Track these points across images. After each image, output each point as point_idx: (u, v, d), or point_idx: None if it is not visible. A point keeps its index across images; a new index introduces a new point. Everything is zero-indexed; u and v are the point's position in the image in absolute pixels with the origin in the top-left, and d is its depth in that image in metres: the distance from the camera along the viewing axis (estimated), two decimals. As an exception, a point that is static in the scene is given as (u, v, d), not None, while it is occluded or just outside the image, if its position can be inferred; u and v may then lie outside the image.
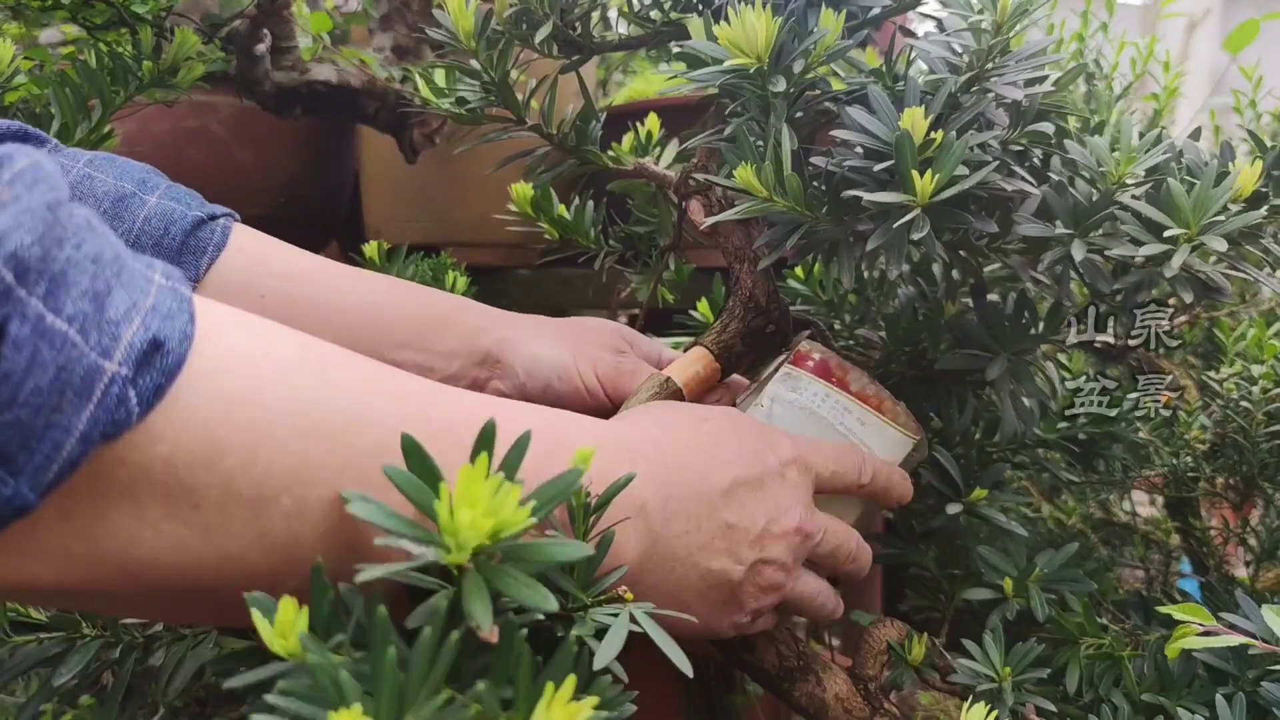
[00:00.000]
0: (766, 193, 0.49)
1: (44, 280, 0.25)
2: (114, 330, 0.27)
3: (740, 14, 0.46)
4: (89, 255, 0.27)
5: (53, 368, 0.25)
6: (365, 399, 0.34)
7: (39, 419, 0.25)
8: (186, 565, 0.30)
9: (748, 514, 0.45)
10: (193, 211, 0.55)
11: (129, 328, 0.27)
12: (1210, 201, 0.46)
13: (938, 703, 0.63)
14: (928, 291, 0.68)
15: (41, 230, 0.25)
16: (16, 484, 0.25)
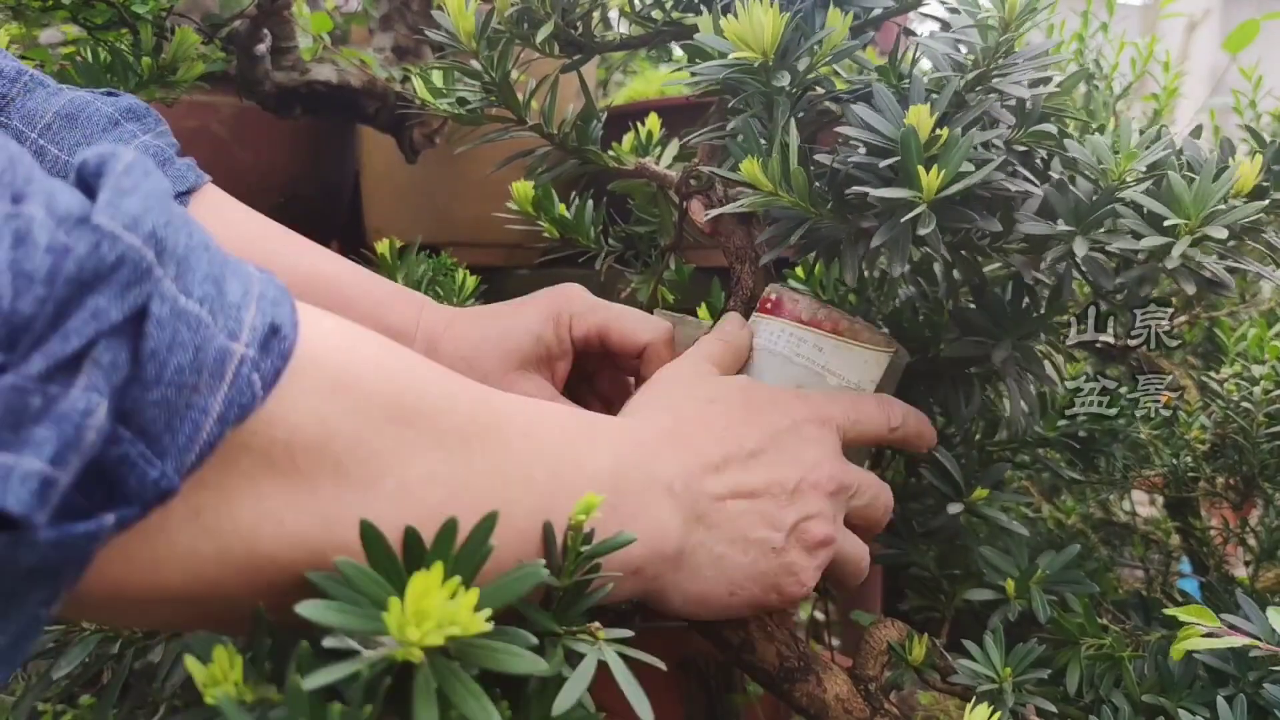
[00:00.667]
0: (771, 187, 0.49)
1: (174, 262, 0.26)
2: (236, 314, 0.27)
3: (748, 8, 0.46)
4: (201, 243, 0.27)
5: (191, 348, 0.25)
6: (440, 383, 0.35)
7: (181, 399, 0.25)
8: (306, 558, 0.30)
9: (775, 479, 0.46)
10: None
11: (249, 312, 0.28)
12: (1211, 194, 0.46)
13: (938, 703, 0.63)
14: (928, 291, 0.68)
15: (169, 215, 0.26)
16: (163, 465, 0.25)
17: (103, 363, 0.24)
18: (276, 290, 0.30)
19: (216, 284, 0.27)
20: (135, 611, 0.32)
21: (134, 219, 0.25)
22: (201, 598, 0.29)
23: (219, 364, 0.26)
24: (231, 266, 0.28)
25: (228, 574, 0.29)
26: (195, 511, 0.27)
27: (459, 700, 0.28)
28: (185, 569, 0.28)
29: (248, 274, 0.29)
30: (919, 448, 0.55)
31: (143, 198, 0.25)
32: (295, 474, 0.29)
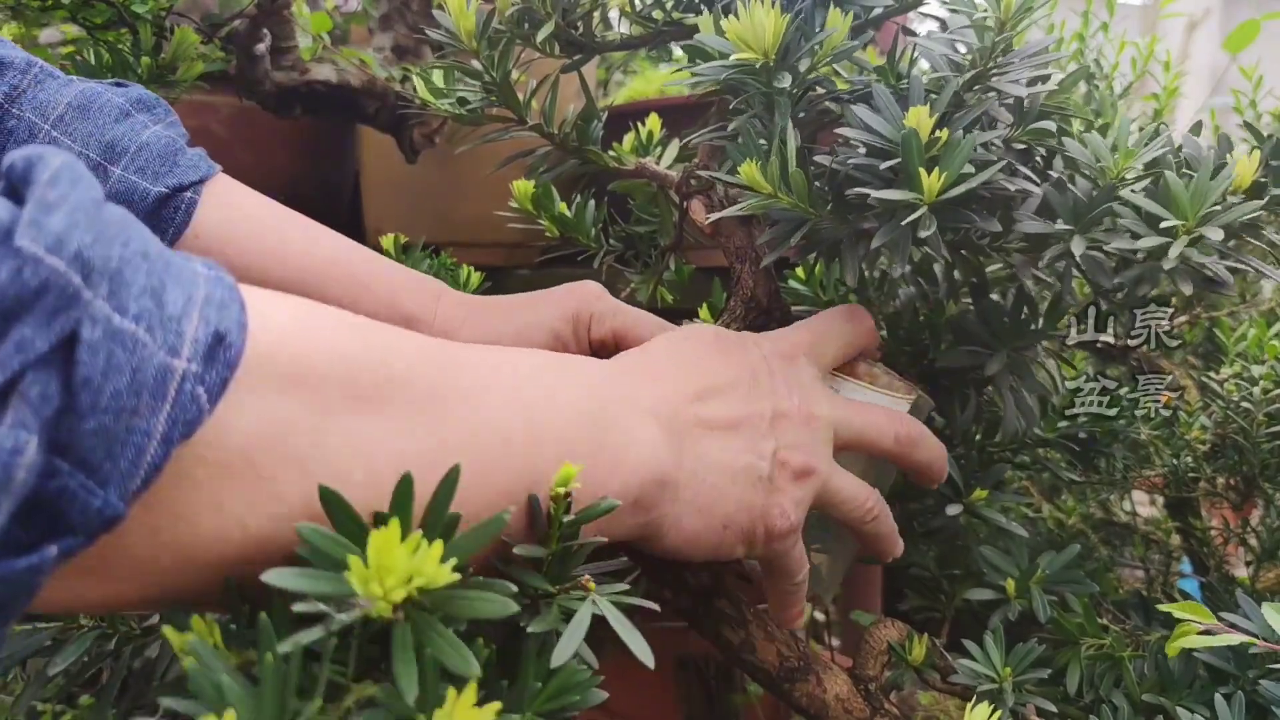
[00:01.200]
0: (771, 189, 0.49)
1: (105, 280, 0.25)
2: (177, 327, 0.26)
3: (749, 9, 0.46)
4: (138, 251, 0.26)
5: (128, 370, 0.25)
6: (406, 358, 0.34)
7: (120, 424, 0.24)
8: (276, 558, 0.29)
9: (752, 409, 0.45)
10: (155, 188, 0.54)
11: (190, 323, 0.27)
12: (1208, 192, 0.46)
13: (938, 703, 0.63)
14: (929, 291, 0.68)
15: (97, 229, 0.25)
16: (105, 494, 0.24)
17: (30, 396, 0.23)
18: (224, 291, 0.28)
19: (155, 296, 0.26)
20: (98, 610, 0.31)
21: (58, 239, 0.23)
22: (166, 602, 0.29)
23: (159, 383, 0.25)
24: (174, 271, 0.27)
25: (192, 580, 0.29)
26: (152, 530, 0.27)
27: (438, 651, 0.28)
28: (146, 581, 0.28)
29: (192, 276, 0.28)
30: (927, 479, 0.53)
31: (68, 213, 0.24)
32: (255, 477, 0.29)
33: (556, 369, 0.41)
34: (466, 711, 0.27)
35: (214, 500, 0.28)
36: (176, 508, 0.27)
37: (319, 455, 0.30)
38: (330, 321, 0.33)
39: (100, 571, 0.27)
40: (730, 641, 0.53)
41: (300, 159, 1.18)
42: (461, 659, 0.28)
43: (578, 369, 0.43)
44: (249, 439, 0.28)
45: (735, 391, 0.46)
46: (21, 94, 0.54)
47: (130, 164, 0.54)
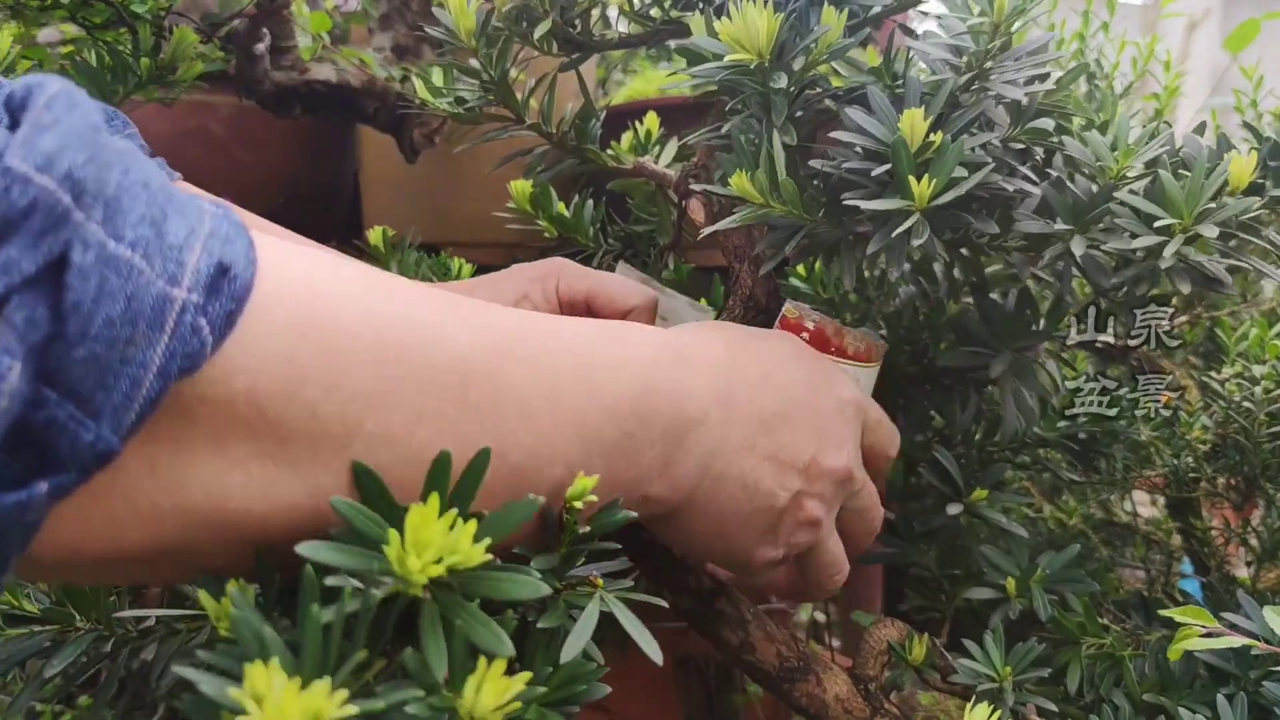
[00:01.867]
0: (762, 199, 0.49)
1: (99, 204, 0.23)
2: (178, 256, 0.25)
3: (742, 10, 0.46)
4: (138, 180, 0.25)
5: (122, 297, 0.23)
6: (432, 316, 0.32)
7: (114, 354, 0.23)
8: (278, 510, 0.28)
9: (800, 441, 0.45)
10: None
11: (192, 253, 0.25)
12: (1202, 191, 0.46)
13: (938, 703, 0.63)
14: (929, 290, 0.68)
15: (91, 151, 0.24)
16: (98, 427, 0.23)
17: (16, 320, 0.22)
18: (230, 226, 0.27)
19: (154, 225, 0.25)
20: (101, 571, 0.30)
21: (48, 158, 0.22)
22: (168, 555, 0.28)
23: (157, 313, 0.24)
24: (178, 204, 0.26)
25: (195, 531, 0.27)
26: (151, 469, 0.26)
27: (468, 629, 0.28)
28: (147, 528, 0.27)
29: (197, 210, 0.27)
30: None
31: (61, 134, 0.23)
32: (262, 423, 0.27)
33: (610, 347, 0.39)
34: (496, 681, 0.27)
35: (218, 444, 0.27)
36: (176, 448, 0.26)
37: (331, 407, 0.28)
38: (357, 273, 0.32)
39: (99, 515, 0.26)
40: (730, 642, 0.53)
41: (300, 159, 1.18)
42: (494, 637, 0.28)
43: (634, 349, 0.40)
44: (259, 381, 0.27)
45: (791, 418, 0.45)
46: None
47: None
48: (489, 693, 0.27)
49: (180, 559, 0.29)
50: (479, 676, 0.27)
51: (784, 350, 0.47)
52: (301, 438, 0.28)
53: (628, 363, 0.39)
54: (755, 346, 0.46)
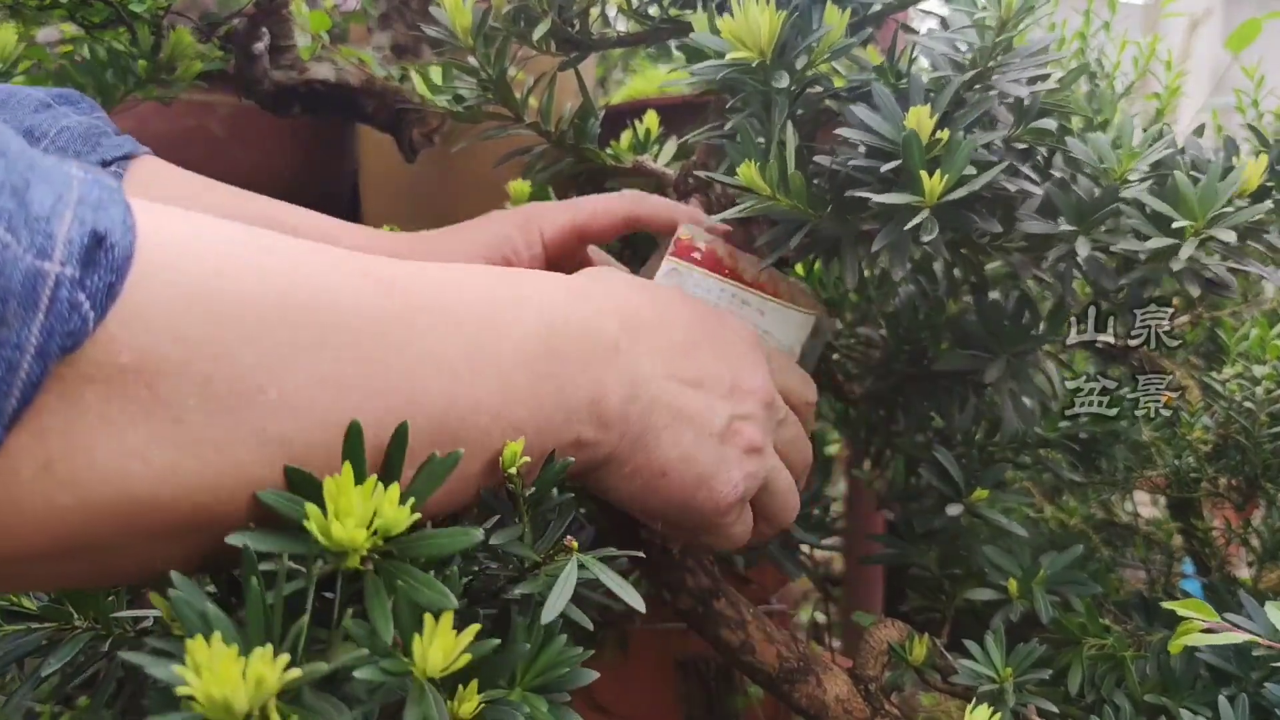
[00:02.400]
0: (770, 191, 0.49)
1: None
2: (45, 227, 0.23)
3: (744, 7, 0.46)
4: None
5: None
6: (327, 273, 0.31)
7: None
8: (186, 494, 0.27)
9: (716, 366, 0.44)
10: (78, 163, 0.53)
11: (61, 223, 0.23)
12: (1217, 194, 0.45)
13: (939, 703, 0.63)
14: (929, 290, 0.67)
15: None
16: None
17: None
18: (103, 191, 0.25)
19: (16, 195, 0.23)
20: (11, 577, 0.28)
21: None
22: (77, 553, 0.26)
23: (28, 290, 0.22)
24: (41, 170, 0.24)
25: (100, 524, 0.26)
26: (45, 463, 0.24)
27: (411, 591, 0.28)
28: (48, 527, 0.25)
29: (64, 177, 0.25)
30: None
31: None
32: (154, 402, 0.25)
33: (512, 288, 0.38)
34: (444, 637, 0.27)
35: (111, 427, 0.25)
36: (67, 436, 0.24)
37: (227, 378, 0.27)
38: (249, 235, 0.30)
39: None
40: (730, 643, 0.52)
41: (299, 158, 1.18)
42: (437, 593, 0.28)
43: (536, 290, 0.39)
44: (146, 357, 0.25)
45: (700, 350, 0.44)
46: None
47: (50, 145, 0.51)
48: (437, 649, 0.27)
49: (94, 557, 0.27)
50: (426, 635, 0.27)
51: (673, 291, 0.47)
52: (197, 415, 0.26)
53: (529, 302, 0.38)
54: (648, 285, 0.45)
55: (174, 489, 0.26)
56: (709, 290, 0.54)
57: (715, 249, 0.54)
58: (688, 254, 0.55)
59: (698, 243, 0.55)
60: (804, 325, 0.56)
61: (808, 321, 0.56)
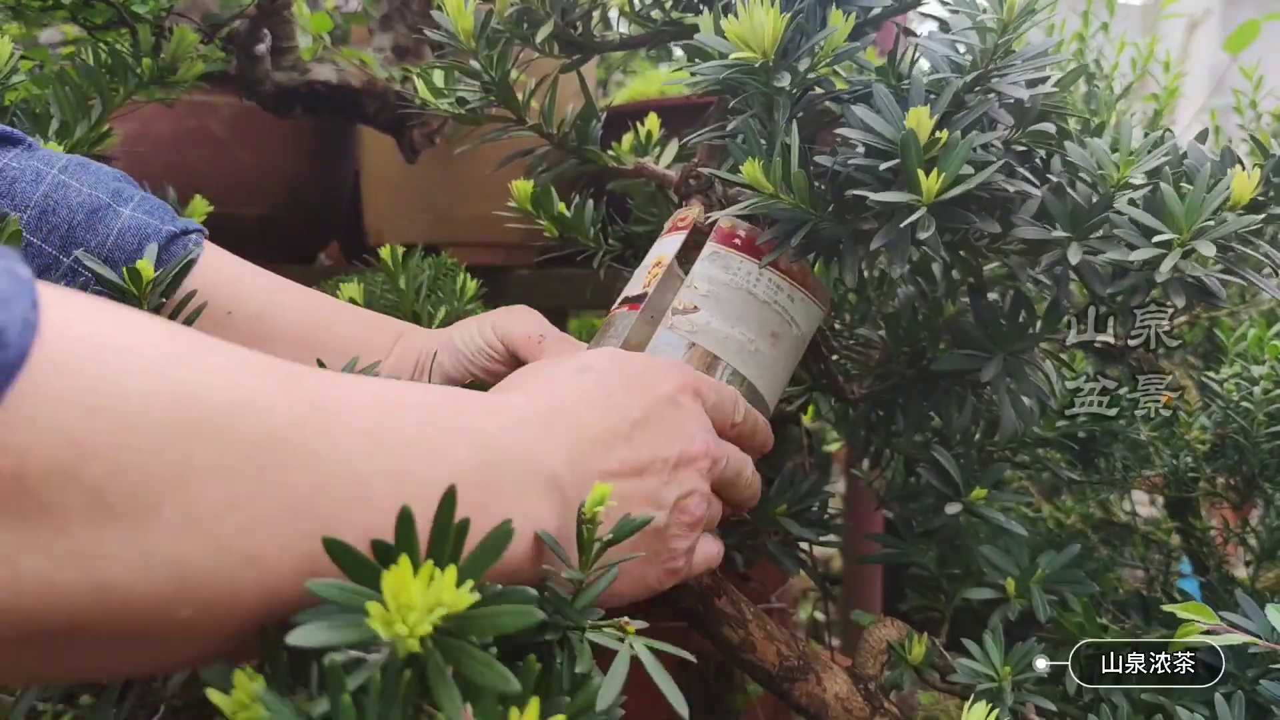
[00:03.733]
0: (772, 189, 0.49)
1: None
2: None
3: (748, 9, 0.46)
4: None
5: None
6: (248, 386, 0.29)
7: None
8: (56, 606, 0.25)
9: (658, 452, 0.44)
10: (166, 226, 0.55)
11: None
12: (1202, 206, 0.46)
13: (938, 702, 0.63)
14: (927, 290, 0.68)
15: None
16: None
17: None
18: (11, 284, 0.24)
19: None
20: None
21: None
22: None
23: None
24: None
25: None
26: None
27: (473, 674, 0.27)
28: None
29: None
30: (753, 450, 0.52)
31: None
32: (32, 510, 0.24)
33: (448, 415, 0.37)
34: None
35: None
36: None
37: (120, 490, 0.25)
38: (162, 335, 0.28)
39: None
40: (730, 641, 0.53)
41: (300, 159, 1.18)
42: (500, 677, 0.28)
43: (471, 415, 0.38)
44: (28, 462, 0.24)
45: (642, 430, 0.43)
46: (28, 151, 0.55)
47: (138, 207, 0.55)
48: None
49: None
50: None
51: (608, 372, 0.46)
52: (81, 525, 0.25)
53: (465, 434, 0.37)
54: (579, 382, 0.45)
55: (44, 600, 0.25)
56: (749, 275, 0.55)
57: (754, 236, 0.55)
58: (730, 240, 0.56)
59: (738, 230, 0.56)
60: (818, 319, 0.58)
61: (820, 313, 0.58)
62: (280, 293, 0.59)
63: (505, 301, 0.66)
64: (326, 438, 0.30)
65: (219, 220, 0.80)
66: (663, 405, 0.45)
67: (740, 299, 0.54)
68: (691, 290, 0.55)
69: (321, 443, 0.30)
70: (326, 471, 0.30)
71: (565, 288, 1.13)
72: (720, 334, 0.54)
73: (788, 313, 0.55)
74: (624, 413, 0.43)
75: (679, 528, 0.44)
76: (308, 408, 0.30)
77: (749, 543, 0.63)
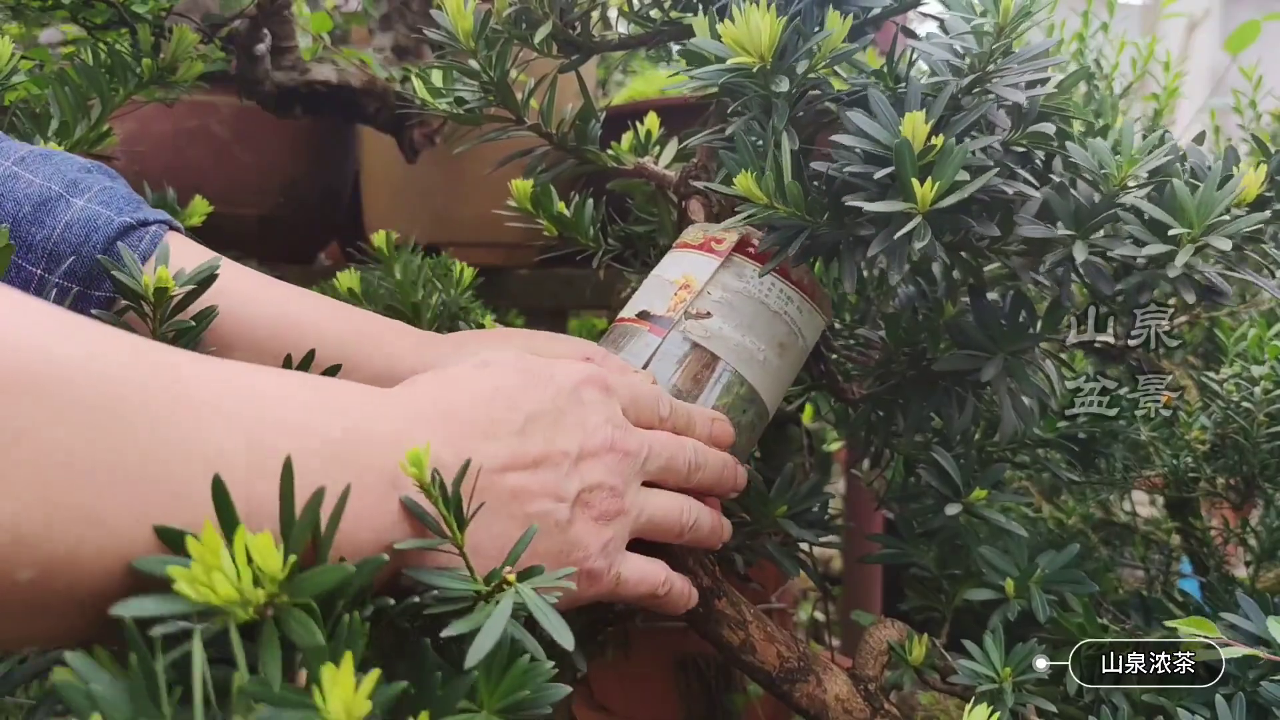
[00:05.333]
0: (766, 199, 0.49)
1: None
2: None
3: (745, 12, 0.46)
4: None
5: None
6: (97, 347, 0.29)
7: None
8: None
9: (554, 445, 0.42)
10: (119, 217, 0.51)
11: None
12: (1215, 203, 0.46)
13: (938, 703, 0.63)
14: (928, 291, 0.68)
15: None
16: None
17: None
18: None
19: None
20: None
21: None
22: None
23: None
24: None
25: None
26: None
27: (292, 634, 0.28)
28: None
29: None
30: (705, 439, 0.51)
31: None
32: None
33: (316, 393, 0.37)
34: (345, 685, 0.26)
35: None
36: None
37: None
38: (23, 306, 0.29)
39: None
40: (730, 642, 0.53)
41: (300, 159, 1.18)
42: (309, 634, 0.27)
43: (341, 397, 0.38)
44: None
45: (536, 424, 0.42)
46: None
47: (94, 198, 0.51)
48: (336, 699, 0.26)
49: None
50: (326, 684, 0.26)
51: (505, 368, 0.44)
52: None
53: (336, 407, 0.36)
54: (474, 378, 0.43)
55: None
56: (761, 284, 0.56)
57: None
58: (744, 248, 0.57)
59: (753, 238, 0.57)
60: (820, 329, 0.59)
61: (823, 326, 0.59)
62: (252, 290, 0.54)
63: (505, 302, 0.66)
64: (180, 405, 0.30)
65: (219, 220, 0.80)
66: (562, 398, 0.44)
67: (752, 308, 0.55)
68: (705, 297, 0.55)
69: (173, 409, 0.29)
70: (178, 437, 0.29)
71: (566, 288, 1.13)
72: (731, 341, 0.54)
73: (795, 324, 0.57)
74: (514, 405, 0.42)
75: (587, 524, 0.43)
76: (160, 374, 0.30)
77: (749, 543, 0.63)
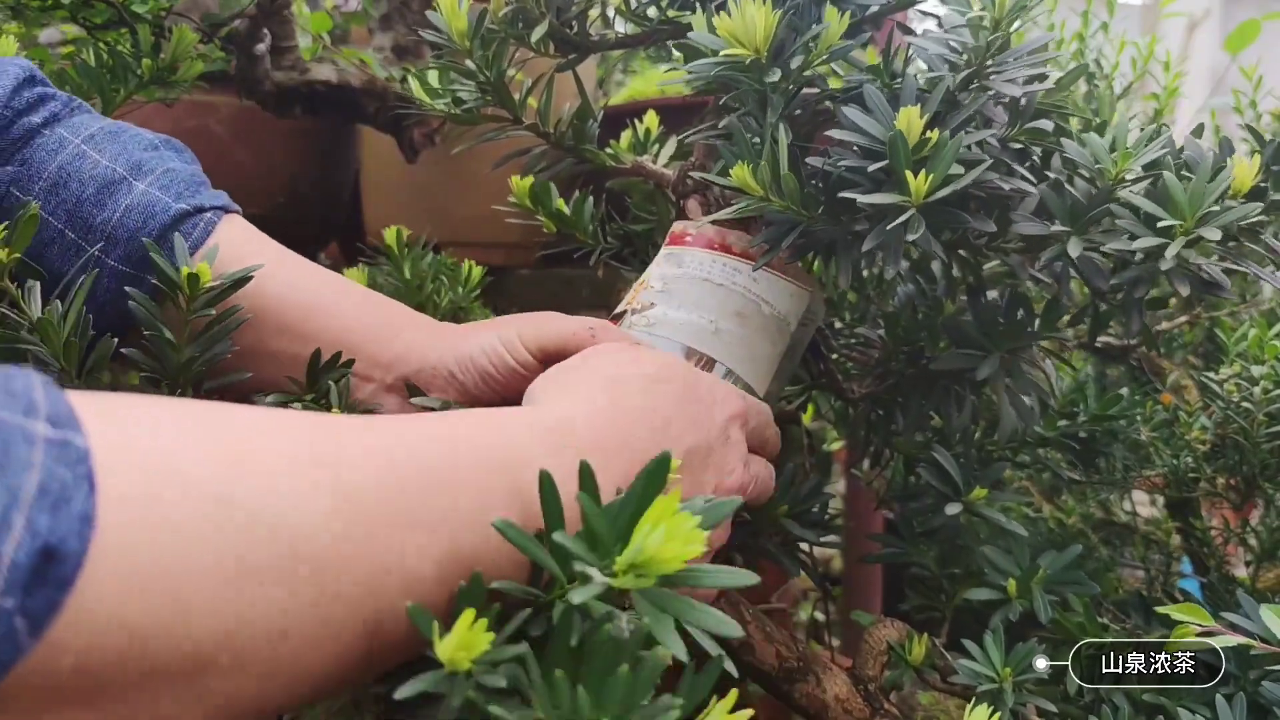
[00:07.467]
0: (762, 192, 0.49)
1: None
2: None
3: (740, 6, 0.46)
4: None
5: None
6: (282, 492, 0.29)
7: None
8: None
9: (696, 485, 0.45)
10: (176, 204, 0.52)
11: (9, 539, 0.21)
12: (1206, 194, 0.46)
13: (938, 703, 0.63)
14: (927, 289, 0.68)
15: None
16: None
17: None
18: (69, 470, 0.23)
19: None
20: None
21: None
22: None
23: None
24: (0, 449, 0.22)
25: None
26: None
27: (693, 618, 0.31)
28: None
29: (24, 458, 0.22)
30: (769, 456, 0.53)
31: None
32: (96, 690, 0.24)
33: (501, 424, 0.38)
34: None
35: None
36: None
37: (177, 651, 0.25)
38: (203, 470, 0.27)
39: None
40: (729, 642, 0.53)
41: (300, 159, 1.18)
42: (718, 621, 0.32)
43: (522, 424, 0.39)
44: (90, 655, 0.24)
45: (687, 464, 0.44)
46: (58, 120, 0.54)
47: (155, 182, 0.53)
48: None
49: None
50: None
51: (673, 392, 0.45)
52: (138, 692, 0.25)
53: (502, 474, 0.36)
54: (644, 398, 0.44)
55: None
56: (702, 263, 0.56)
57: (705, 232, 0.57)
58: (681, 240, 0.58)
59: (689, 230, 0.58)
60: (799, 298, 0.57)
61: (803, 295, 0.57)
62: (291, 274, 0.55)
63: (505, 302, 0.66)
64: (364, 536, 0.30)
65: (218, 220, 0.80)
66: (714, 434, 0.46)
67: (695, 286, 0.56)
68: (648, 290, 0.56)
69: (355, 544, 0.30)
70: (358, 574, 0.30)
71: (566, 288, 1.13)
72: (675, 321, 0.55)
73: (752, 293, 0.56)
74: (679, 440, 0.44)
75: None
76: (341, 509, 0.30)
77: (749, 543, 0.62)
